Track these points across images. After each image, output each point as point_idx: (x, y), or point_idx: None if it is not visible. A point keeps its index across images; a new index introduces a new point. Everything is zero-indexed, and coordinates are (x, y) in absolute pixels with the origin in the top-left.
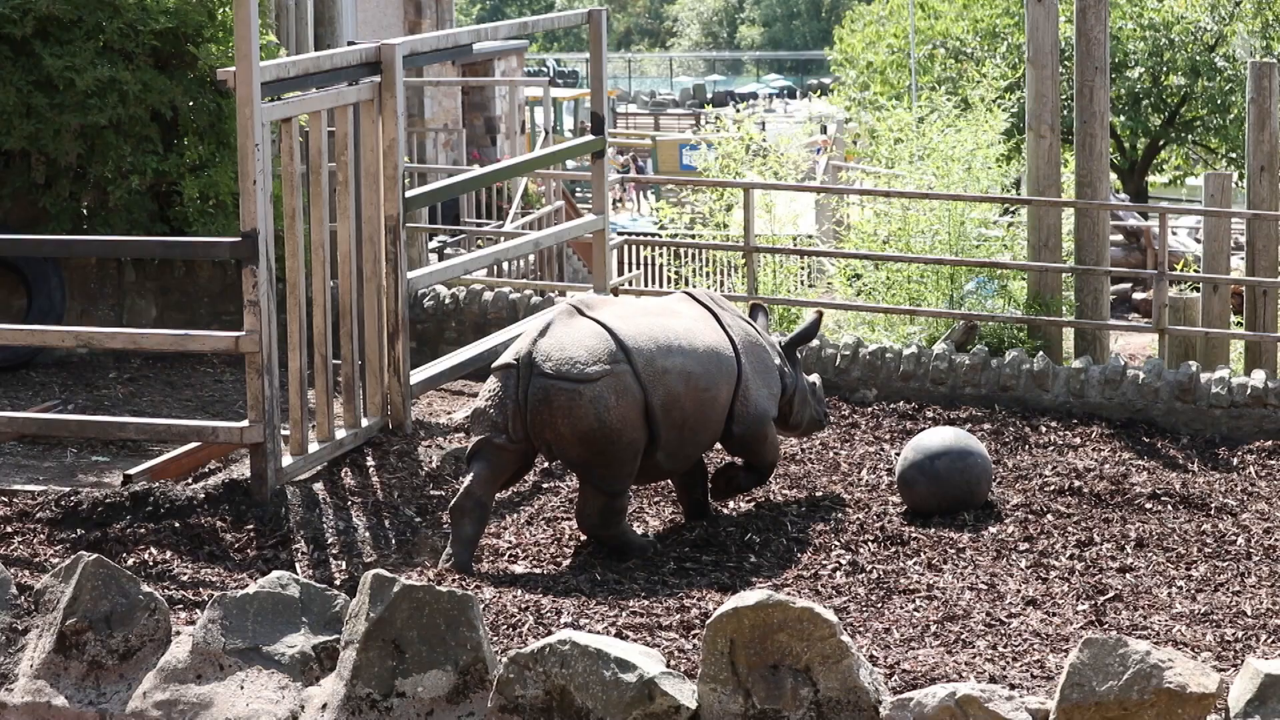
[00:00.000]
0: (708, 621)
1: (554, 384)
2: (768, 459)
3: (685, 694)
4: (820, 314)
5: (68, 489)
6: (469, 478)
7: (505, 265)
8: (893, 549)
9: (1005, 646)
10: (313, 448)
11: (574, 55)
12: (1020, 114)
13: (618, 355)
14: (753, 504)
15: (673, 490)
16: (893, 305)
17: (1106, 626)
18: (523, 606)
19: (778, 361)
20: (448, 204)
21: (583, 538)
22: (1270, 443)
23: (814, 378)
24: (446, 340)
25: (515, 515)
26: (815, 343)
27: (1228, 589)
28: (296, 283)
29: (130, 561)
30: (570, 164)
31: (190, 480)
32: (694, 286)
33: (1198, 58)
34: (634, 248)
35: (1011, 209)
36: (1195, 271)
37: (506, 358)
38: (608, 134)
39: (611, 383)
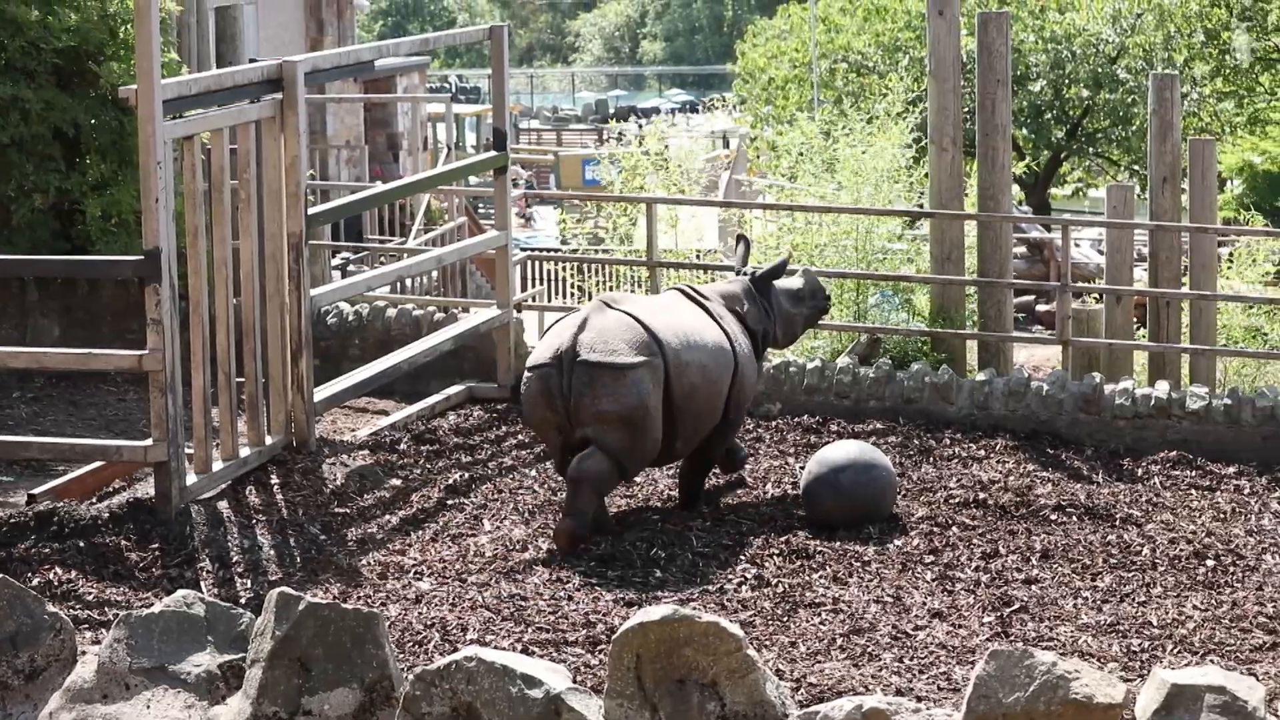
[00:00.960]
0: (614, 637)
1: (599, 369)
2: (728, 442)
3: (592, 710)
4: (790, 254)
5: None
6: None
7: (408, 282)
8: (798, 563)
9: (911, 659)
10: (217, 466)
11: (476, 71)
12: (923, 127)
13: (653, 347)
14: (658, 518)
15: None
16: None
17: (1013, 638)
18: (429, 624)
19: (758, 315)
20: (350, 221)
21: (488, 554)
22: (1174, 453)
23: (795, 281)
24: (350, 357)
25: (420, 532)
26: None
27: (1133, 599)
28: (200, 301)
29: (35, 581)
30: (473, 180)
31: (95, 499)
32: (684, 283)
33: (1099, 70)
34: (537, 263)
35: (915, 222)
36: (1098, 283)
37: (543, 356)
38: (510, 150)
39: (649, 370)
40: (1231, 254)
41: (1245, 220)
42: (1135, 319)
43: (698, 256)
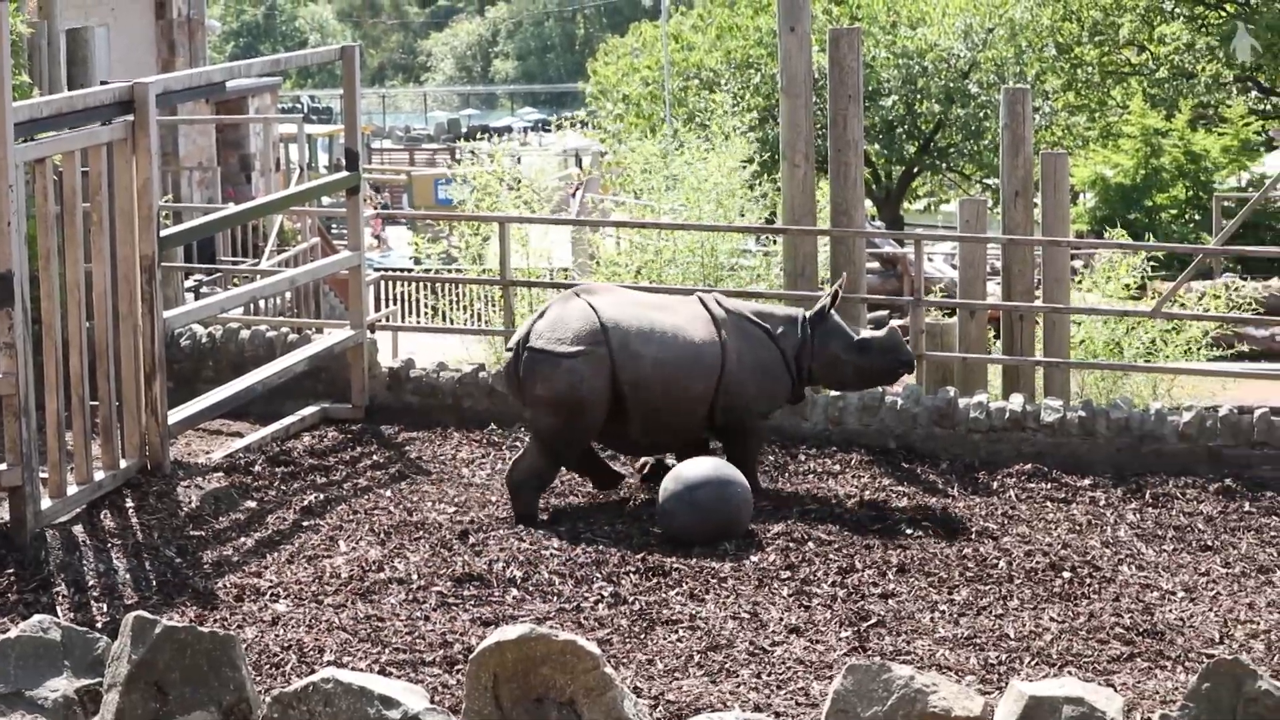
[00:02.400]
0: (471, 656)
1: (539, 356)
2: (749, 452)
3: None
4: (841, 285)
5: None
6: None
7: (262, 303)
8: (655, 580)
9: (769, 675)
10: (71, 490)
11: (328, 91)
12: (775, 143)
13: (598, 336)
14: (514, 537)
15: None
16: None
17: (870, 652)
18: (285, 645)
19: (798, 339)
20: (203, 242)
21: (344, 575)
22: (1030, 465)
23: (874, 333)
24: (204, 379)
25: (276, 554)
26: None
27: (990, 612)
28: (52, 324)
29: None
30: (325, 200)
31: None
32: (710, 293)
33: (951, 85)
34: (391, 283)
35: (767, 238)
36: (950, 297)
37: (513, 340)
38: (362, 170)
39: (587, 359)
40: (1086, 265)
41: (1108, 234)
42: (989, 332)
43: (550, 275)
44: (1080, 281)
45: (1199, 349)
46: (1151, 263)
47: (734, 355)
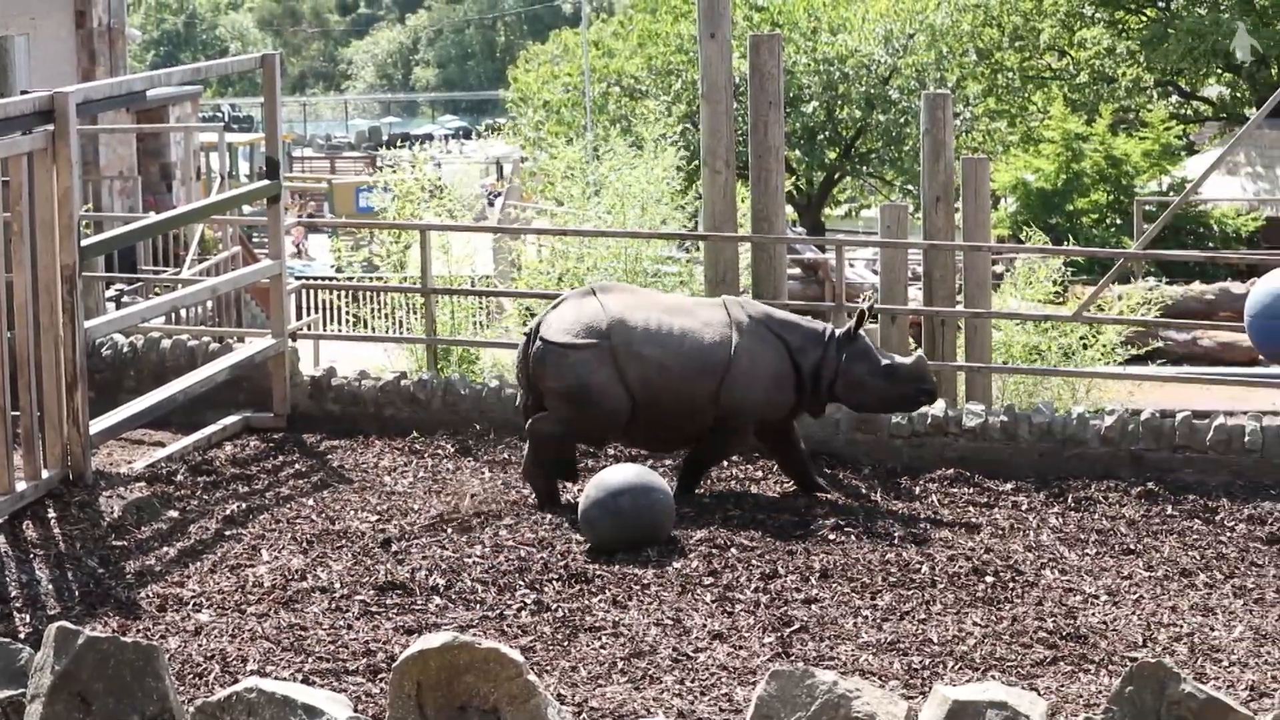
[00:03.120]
0: (394, 665)
1: (547, 347)
2: (722, 452)
3: None
4: (870, 306)
5: None
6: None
7: (183, 312)
8: (578, 587)
9: (693, 681)
10: None
11: (249, 100)
12: (696, 150)
13: (603, 332)
14: (437, 545)
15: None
16: None
17: (793, 658)
18: (208, 655)
19: (819, 356)
20: (124, 252)
21: (267, 585)
22: (952, 470)
23: (902, 359)
24: (125, 389)
25: (199, 564)
26: (495, 383)
27: (913, 617)
28: None
29: None
30: (247, 209)
31: None
32: (741, 297)
33: (872, 91)
34: (312, 292)
35: (688, 244)
36: (873, 302)
37: (529, 327)
38: (283, 178)
39: (592, 353)
40: (1007, 270)
41: (1027, 238)
42: (910, 337)
43: (471, 283)
44: (999, 286)
45: (1117, 352)
46: (1071, 267)
47: (743, 359)
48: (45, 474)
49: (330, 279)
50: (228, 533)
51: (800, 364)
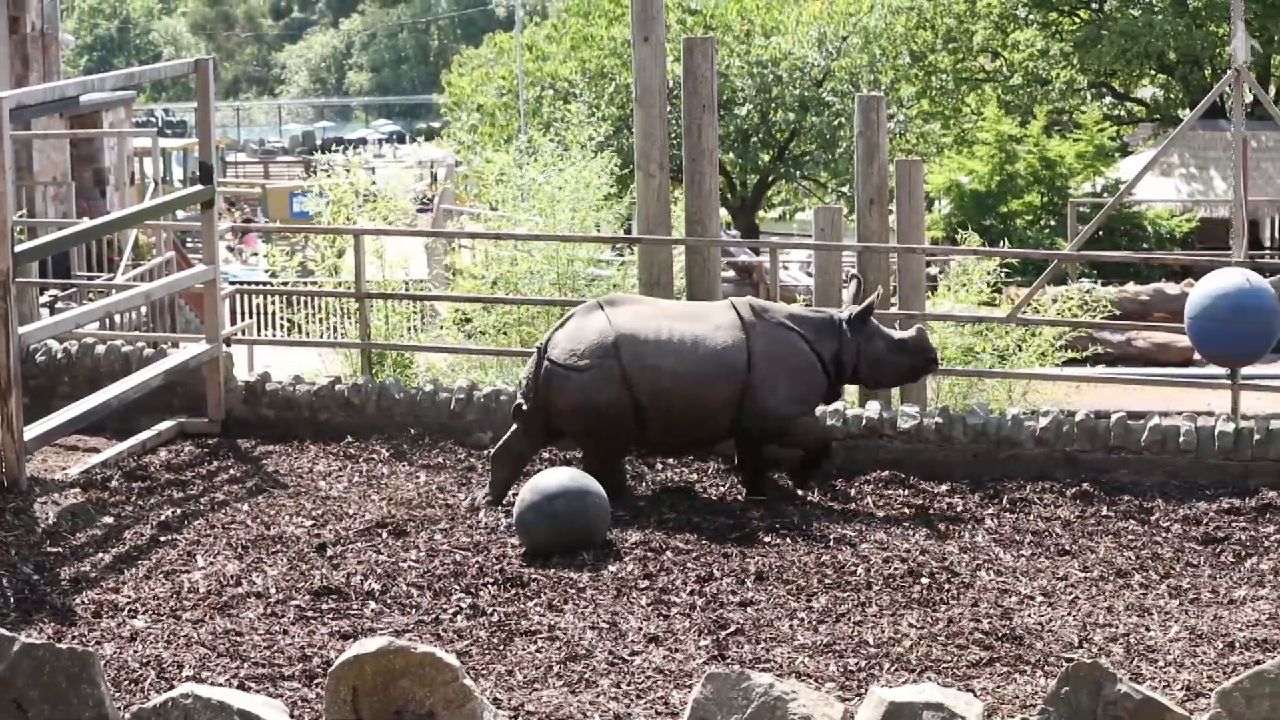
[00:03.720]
0: (330, 670)
1: (553, 369)
2: (808, 443)
3: None
4: (858, 279)
5: None
6: (509, 432)
7: (117, 318)
8: (513, 591)
9: (629, 684)
10: None
11: (183, 105)
12: (630, 153)
13: (609, 351)
14: (372, 549)
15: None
16: (505, 347)
17: (729, 660)
18: (144, 661)
19: (836, 342)
20: (58, 258)
21: (202, 590)
22: (887, 473)
23: (906, 333)
24: (60, 395)
25: (134, 570)
26: (430, 387)
27: (849, 619)
28: None
29: None
30: (181, 214)
31: None
32: (746, 297)
33: (806, 93)
34: (246, 297)
35: (622, 248)
36: (808, 304)
37: (539, 343)
38: (217, 183)
39: (598, 374)
40: (941, 272)
41: (962, 240)
42: None
43: (405, 287)
44: (934, 288)
45: (1053, 354)
46: (1006, 269)
47: (761, 360)
48: None
49: (265, 284)
50: (163, 538)
51: (821, 353)
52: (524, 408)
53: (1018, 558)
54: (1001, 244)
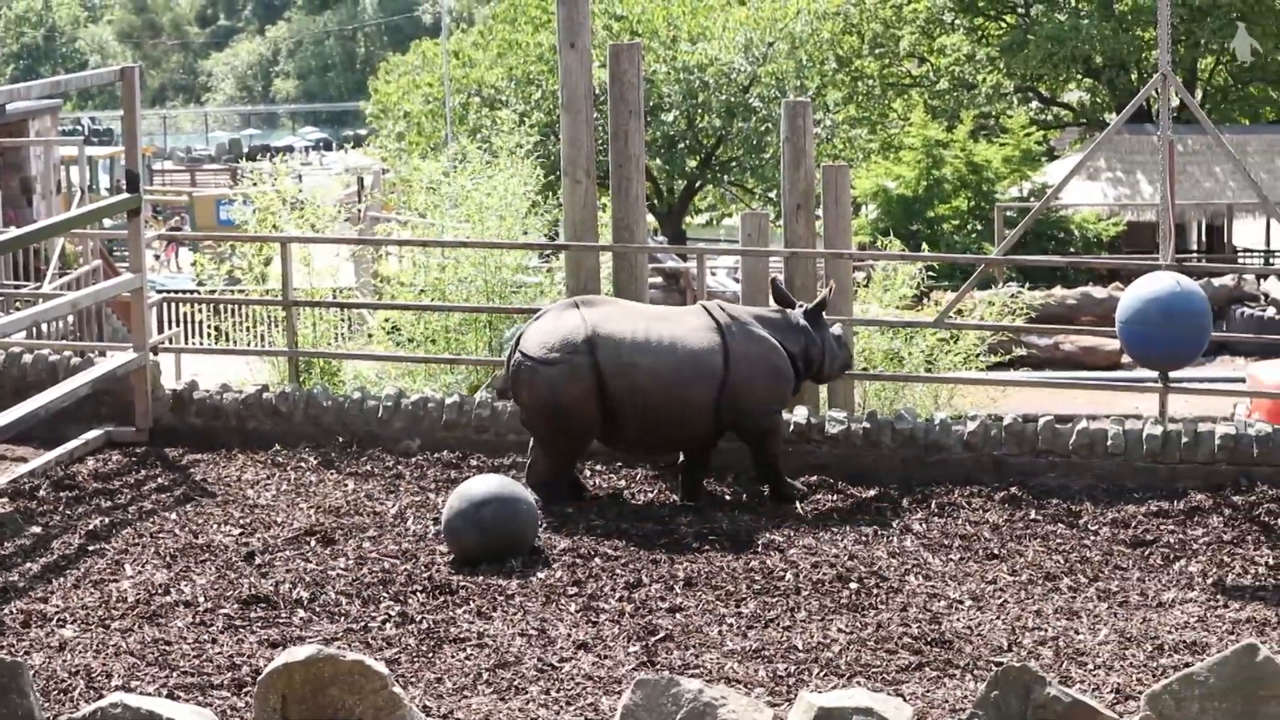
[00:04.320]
0: (259, 678)
1: (524, 362)
2: (767, 452)
3: None
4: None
5: None
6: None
7: (44, 327)
8: (442, 598)
9: (558, 691)
10: None
11: (109, 113)
12: (556, 159)
13: (582, 347)
14: (300, 557)
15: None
16: (433, 355)
17: (659, 667)
18: (73, 671)
19: (802, 338)
20: None
21: (130, 599)
22: (815, 477)
23: (835, 328)
24: None
25: (62, 579)
26: (358, 395)
27: (778, 624)
28: None
29: None
30: (107, 223)
31: None
32: (715, 300)
33: (732, 99)
34: (174, 305)
35: (550, 254)
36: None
37: (515, 334)
38: (143, 191)
39: (567, 369)
40: (868, 277)
41: (882, 245)
42: None
43: (333, 295)
44: (857, 293)
45: (979, 357)
46: (933, 274)
47: (741, 360)
48: None
49: (192, 292)
50: (91, 548)
51: (792, 351)
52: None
53: (946, 562)
54: (929, 249)
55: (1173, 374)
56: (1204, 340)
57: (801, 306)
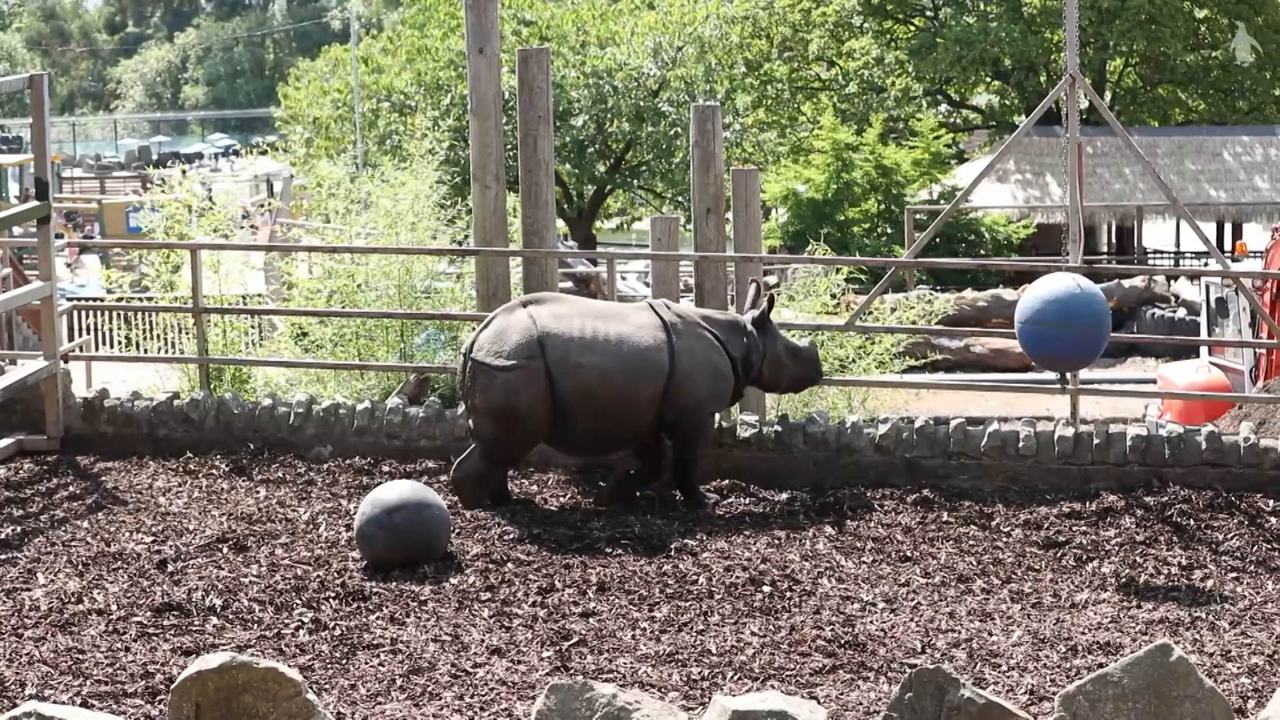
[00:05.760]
0: (173, 686)
1: (478, 368)
2: (690, 451)
3: None
4: (757, 283)
5: None
6: (466, 452)
7: None
8: (355, 605)
9: (472, 696)
10: None
11: (18, 120)
12: (466, 165)
13: (534, 350)
14: (213, 565)
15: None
16: (343, 361)
17: (572, 671)
18: None
19: (744, 343)
20: None
21: (43, 608)
22: (727, 481)
23: (803, 341)
24: None
25: None
26: (268, 401)
27: (691, 628)
28: None
29: None
30: (16, 230)
31: None
32: (663, 299)
33: (641, 103)
34: (83, 313)
35: (460, 260)
36: (776, 289)
37: (464, 347)
38: (53, 199)
39: (524, 373)
40: (780, 281)
41: (811, 250)
42: None
43: (243, 302)
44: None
45: (891, 360)
46: (856, 283)
47: (685, 358)
48: None
49: (100, 300)
50: (2, 556)
51: (733, 354)
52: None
53: (859, 565)
54: (826, 251)
55: (1084, 375)
56: (1101, 343)
57: (750, 313)
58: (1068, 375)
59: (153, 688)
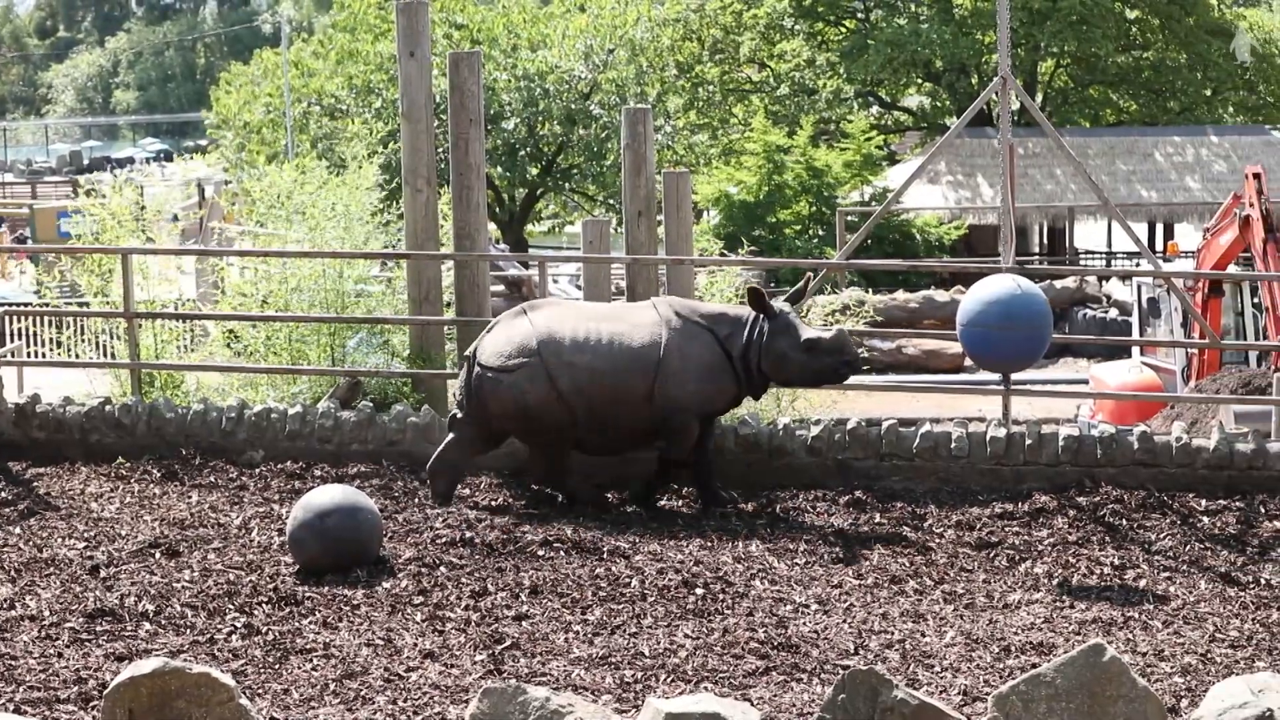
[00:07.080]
0: (105, 692)
1: (483, 374)
2: (680, 448)
3: None
4: (755, 289)
5: None
6: (444, 443)
7: None
8: (287, 609)
9: (405, 701)
10: None
11: None
12: (397, 168)
13: (532, 350)
14: (145, 570)
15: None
16: (275, 365)
17: (505, 675)
18: None
19: (746, 340)
20: None
21: None
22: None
23: (823, 332)
24: None
25: None
26: (201, 406)
27: (624, 631)
28: None
29: None
30: None
31: None
32: (669, 296)
33: (573, 106)
34: (13, 318)
35: (391, 263)
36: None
37: (468, 351)
38: None
39: (526, 373)
40: (711, 284)
41: (743, 254)
42: None
43: (175, 306)
44: (701, 298)
45: None
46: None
47: (674, 354)
48: None
49: (30, 305)
50: None
51: (730, 351)
52: (459, 417)
53: (792, 566)
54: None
55: (1015, 376)
56: (1043, 343)
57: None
58: (1010, 376)
59: (86, 694)
